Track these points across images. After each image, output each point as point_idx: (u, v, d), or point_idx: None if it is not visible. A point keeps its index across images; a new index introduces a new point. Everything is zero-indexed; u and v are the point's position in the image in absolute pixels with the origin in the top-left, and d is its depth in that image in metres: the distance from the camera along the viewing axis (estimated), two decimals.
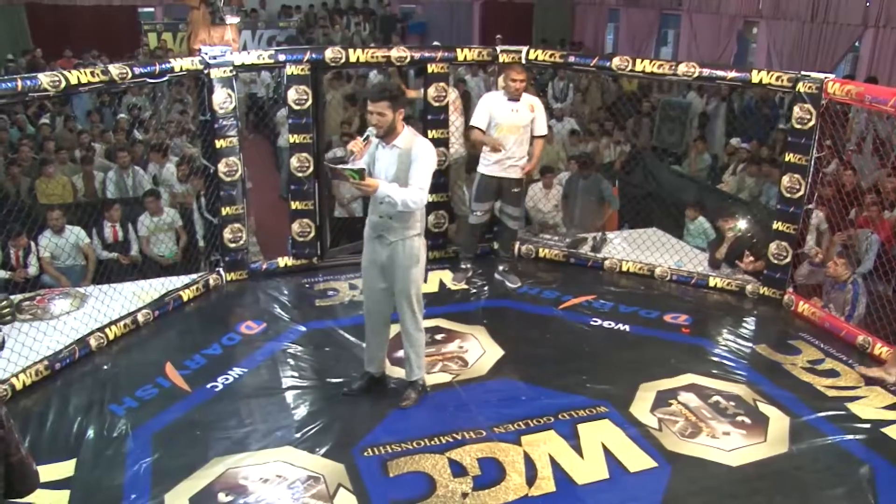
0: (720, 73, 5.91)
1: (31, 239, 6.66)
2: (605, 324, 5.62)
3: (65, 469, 3.96)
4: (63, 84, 4.80)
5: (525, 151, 5.99)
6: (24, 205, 7.20)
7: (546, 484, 3.88)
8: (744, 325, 5.67)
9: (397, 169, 4.14)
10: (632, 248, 6.83)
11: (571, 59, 6.49)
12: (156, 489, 3.83)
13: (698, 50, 15.83)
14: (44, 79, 4.74)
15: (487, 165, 6.00)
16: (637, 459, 4.08)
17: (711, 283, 6.24)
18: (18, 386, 4.62)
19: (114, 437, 4.27)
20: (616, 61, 6.12)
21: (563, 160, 9.19)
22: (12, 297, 5.73)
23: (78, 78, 4.91)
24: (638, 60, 6.08)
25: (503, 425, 4.34)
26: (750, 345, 5.36)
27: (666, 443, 4.22)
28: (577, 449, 4.15)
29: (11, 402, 4.42)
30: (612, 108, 11.24)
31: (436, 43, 6.66)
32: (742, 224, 6.52)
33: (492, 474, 3.94)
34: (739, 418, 4.46)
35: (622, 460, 4.06)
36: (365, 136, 4.23)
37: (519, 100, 5.91)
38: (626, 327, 5.57)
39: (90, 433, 4.30)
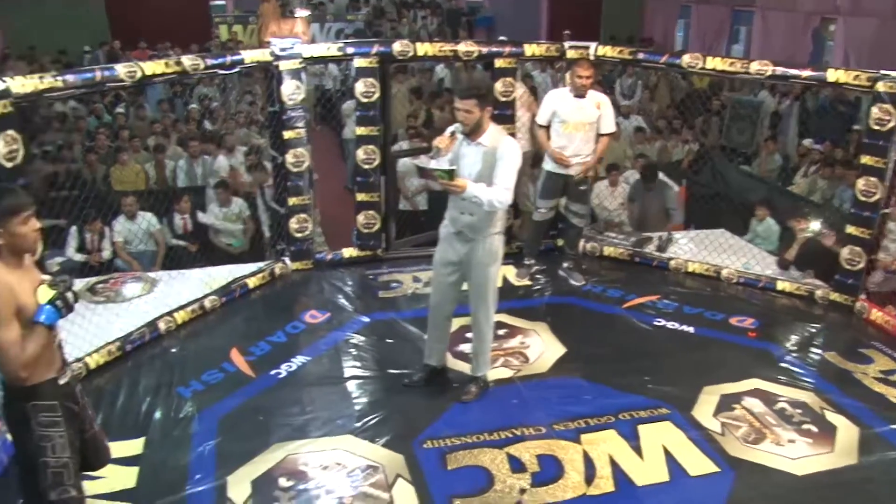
0: (794, 71, 5.75)
1: (105, 224, 6.88)
2: (669, 324, 5.54)
3: (134, 447, 4.09)
4: (139, 74, 4.94)
5: (591, 149, 5.93)
6: (99, 191, 7.44)
7: (605, 483, 3.85)
8: (813, 330, 5.52)
9: (482, 167, 4.13)
10: (698, 249, 6.71)
11: (640, 55, 6.39)
12: (219, 471, 3.92)
13: (771, 48, 15.44)
14: (121, 69, 4.88)
15: (552, 162, 5.96)
16: (699, 463, 4.01)
17: (780, 287, 6.08)
18: (92, 365, 4.77)
19: (180, 418, 4.38)
20: (686, 59, 6.00)
21: (629, 158, 9.09)
22: (88, 279, 5.94)
23: (153, 69, 5.04)
24: (709, 58, 5.95)
25: (563, 423, 4.32)
26: (819, 351, 5.22)
27: (729, 448, 4.14)
28: (638, 450, 4.10)
29: (85, 381, 4.56)
30: (680, 106, 11.05)
31: (502, 38, 6.63)
32: (815, 225, 6.34)
33: (550, 471, 3.93)
34: (806, 426, 4.34)
35: (683, 463, 4.00)
36: (450, 132, 4.23)
37: (585, 96, 5.85)
38: (691, 329, 5.48)
39: (158, 413, 4.42)
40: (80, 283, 5.42)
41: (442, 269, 4.42)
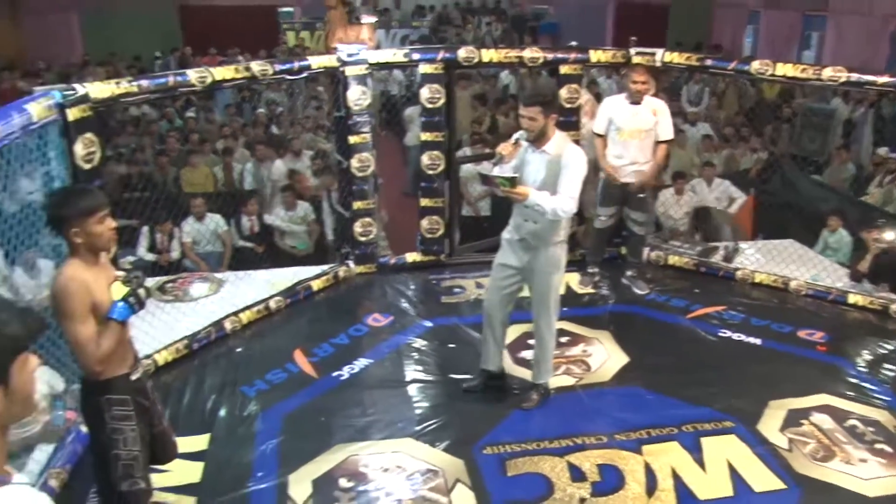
0: (870, 77, 5.59)
1: (175, 225, 7.06)
2: (735, 336, 5.42)
3: (200, 442, 4.18)
4: (209, 79, 5.05)
5: (648, 157, 5.85)
6: (170, 193, 7.64)
7: (666, 496, 3.79)
8: (886, 346, 5.32)
9: (546, 175, 4.11)
10: (766, 260, 6.56)
11: (708, 62, 6.29)
12: (282, 469, 3.98)
13: (845, 53, 15.03)
14: (192, 75, 5.01)
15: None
16: (764, 479, 3.91)
17: (851, 301, 5.90)
18: (160, 362, 4.89)
19: (245, 416, 4.46)
20: (755, 65, 5.88)
21: (695, 165, 8.94)
22: (158, 278, 6.10)
23: (223, 74, 5.16)
24: (779, 64, 5.82)
25: (625, 433, 4.27)
26: (893, 368, 5.04)
27: (796, 464, 4.03)
28: (701, 463, 4.02)
29: (153, 377, 4.63)
30: (749, 113, 10.83)
31: (574, 43, 6.59)
32: (890, 236, 6.13)
33: (611, 482, 3.88)
34: (878, 446, 4.20)
35: (748, 479, 3.91)
36: (514, 140, 4.21)
37: (641, 103, 5.77)
38: (758, 341, 5.35)
39: (223, 411, 4.51)
40: (149, 282, 5.57)
41: (500, 273, 4.41)
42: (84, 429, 4.03)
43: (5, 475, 1.49)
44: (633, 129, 5.76)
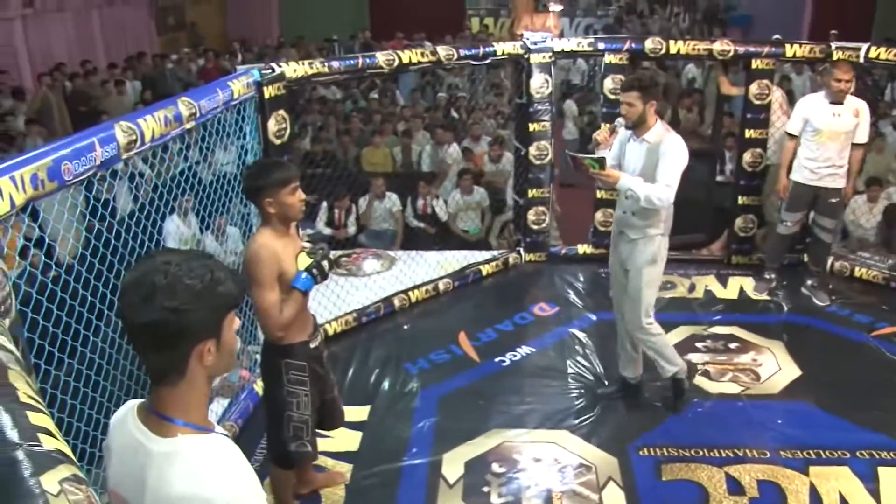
0: None
1: (352, 202, 7.34)
2: None
3: (361, 413, 4.34)
4: (396, 63, 5.20)
5: (845, 160, 5.46)
6: (350, 171, 7.94)
7: None
8: None
9: (644, 163, 3.97)
10: None
11: None
12: (436, 448, 4.06)
13: None
14: (380, 57, 5.16)
15: (802, 172, 5.55)
16: None
17: None
18: (330, 332, 5.10)
19: (405, 392, 4.59)
20: None
21: (894, 172, 8.25)
22: (334, 251, 6.37)
23: (409, 57, 5.28)
24: None
25: (791, 450, 4.03)
26: None
27: None
28: (875, 494, 3.71)
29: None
30: None
31: (777, 36, 6.23)
32: None
33: (771, 499, 3.69)
34: None
35: None
36: (612, 127, 4.13)
37: (843, 103, 5.37)
38: None
39: (385, 385, 4.67)
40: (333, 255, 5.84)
41: (614, 270, 4.32)
42: (256, 387, 4.31)
43: (209, 425, 1.61)
44: (832, 130, 5.38)
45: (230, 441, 1.60)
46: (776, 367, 4.87)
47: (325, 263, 3.05)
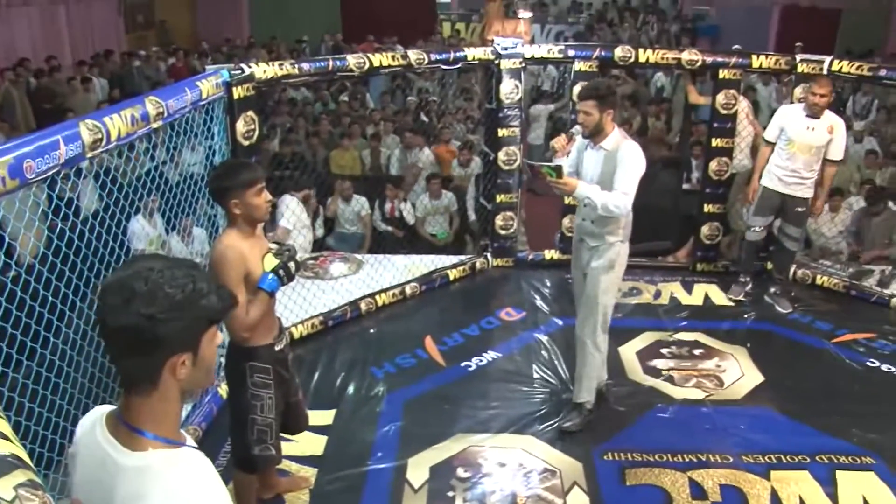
0: None
1: (320, 204, 7.31)
2: (884, 367, 5.05)
3: (326, 417, 4.31)
4: (367, 66, 5.20)
5: (813, 174, 5.55)
6: (318, 173, 7.91)
7: None
8: None
9: (602, 171, 3.99)
10: None
11: (882, 72, 5.89)
12: (401, 452, 4.04)
13: None
14: (351, 60, 5.16)
15: (772, 178, 5.64)
16: None
17: None
18: (296, 335, 5.06)
19: (371, 396, 4.57)
20: None
21: (854, 183, 8.41)
22: (301, 254, 6.33)
23: (380, 60, 5.28)
24: None
25: (753, 455, 4.08)
26: None
27: None
28: (833, 497, 3.78)
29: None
30: None
31: (736, 46, 6.33)
32: None
33: (733, 503, 3.73)
34: None
35: None
36: (570, 134, 4.15)
37: (819, 118, 5.47)
38: None
39: (350, 389, 4.64)
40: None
41: (575, 278, 4.35)
42: (220, 391, 4.27)
43: (181, 439, 1.58)
44: (804, 143, 5.47)
45: (202, 455, 1.56)
46: (739, 373, 4.93)
47: (292, 265, 3.04)
